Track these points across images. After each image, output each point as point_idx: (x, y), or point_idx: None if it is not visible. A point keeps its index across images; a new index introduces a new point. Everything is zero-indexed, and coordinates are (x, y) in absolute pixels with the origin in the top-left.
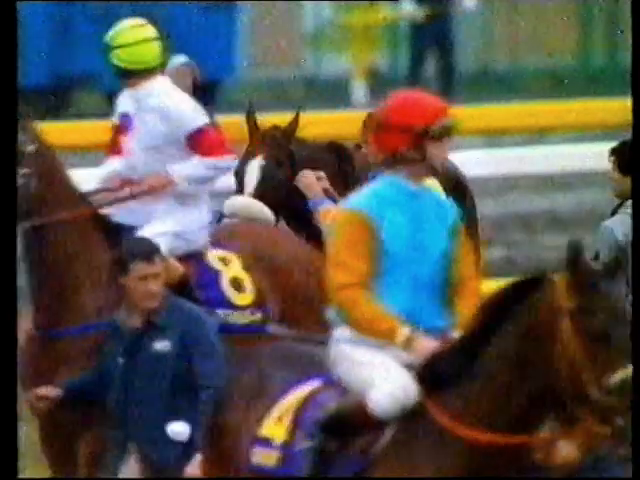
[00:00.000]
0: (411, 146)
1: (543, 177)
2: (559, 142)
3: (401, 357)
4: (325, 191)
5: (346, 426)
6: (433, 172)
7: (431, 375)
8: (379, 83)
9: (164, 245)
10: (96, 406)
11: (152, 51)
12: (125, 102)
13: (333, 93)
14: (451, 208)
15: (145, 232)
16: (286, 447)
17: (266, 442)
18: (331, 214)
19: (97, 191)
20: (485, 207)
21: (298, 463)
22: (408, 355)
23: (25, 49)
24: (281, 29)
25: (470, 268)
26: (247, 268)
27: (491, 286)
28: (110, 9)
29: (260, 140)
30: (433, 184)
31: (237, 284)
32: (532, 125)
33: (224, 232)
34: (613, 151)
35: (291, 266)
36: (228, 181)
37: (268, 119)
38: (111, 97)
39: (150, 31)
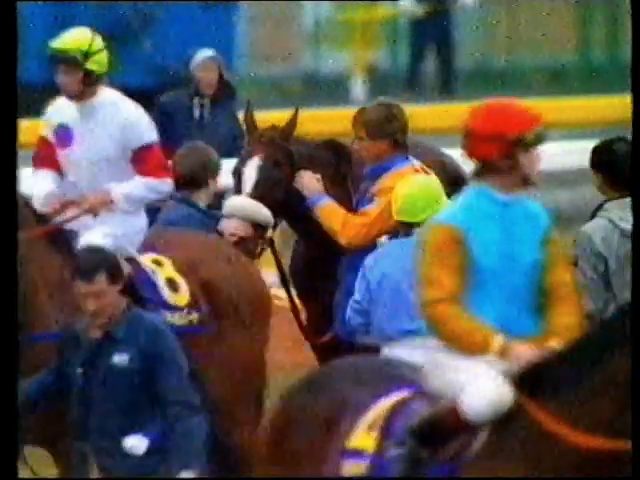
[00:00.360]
0: (503, 155)
1: (543, 174)
2: (559, 139)
3: (496, 363)
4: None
5: (438, 432)
6: (525, 182)
7: (533, 380)
8: (378, 80)
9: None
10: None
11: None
12: (65, 113)
13: (332, 90)
14: (543, 216)
15: (88, 236)
16: (376, 456)
17: (356, 453)
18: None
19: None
20: None
21: (388, 471)
22: (503, 363)
23: (25, 49)
24: (281, 26)
25: (564, 274)
26: (180, 272)
27: None
28: (110, 9)
29: (258, 140)
30: (434, 181)
31: (172, 285)
32: None
33: (159, 238)
34: (592, 150)
35: (223, 278)
36: (226, 180)
37: (268, 116)
38: None
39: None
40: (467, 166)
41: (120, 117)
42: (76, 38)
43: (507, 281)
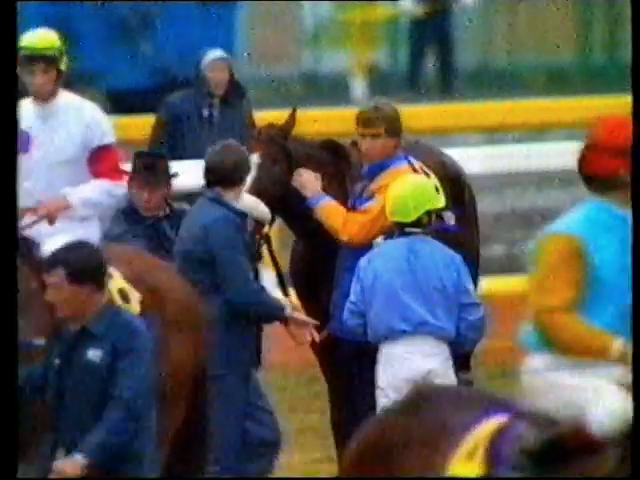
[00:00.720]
0: (629, 170)
1: (543, 174)
2: (559, 139)
3: (611, 375)
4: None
5: (560, 453)
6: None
7: None
8: (378, 80)
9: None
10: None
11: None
12: (26, 117)
13: (332, 90)
14: None
15: (49, 245)
16: None
17: None
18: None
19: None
20: (485, 204)
21: None
22: (621, 371)
23: None
24: (280, 26)
25: None
26: (129, 283)
27: (491, 283)
28: (110, 9)
29: (256, 138)
30: (426, 181)
31: (123, 295)
32: (532, 122)
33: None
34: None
35: (168, 288)
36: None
37: (267, 116)
38: (111, 95)
39: None
40: (466, 166)
41: (84, 117)
42: (49, 37)
43: (621, 296)
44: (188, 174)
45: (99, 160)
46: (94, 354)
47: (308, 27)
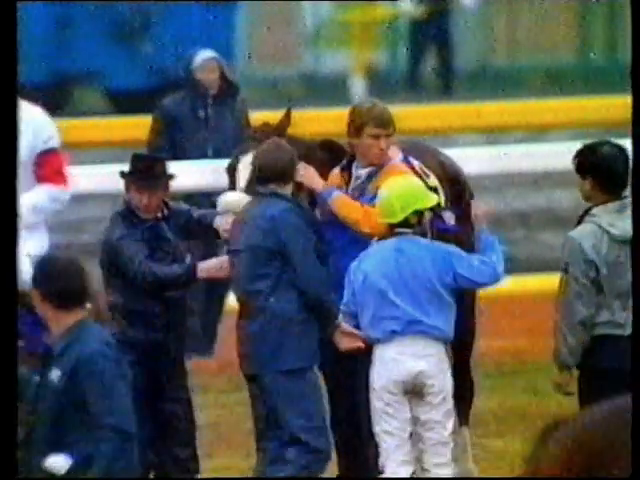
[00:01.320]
0: None
1: (542, 174)
2: (558, 139)
3: None
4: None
5: None
6: None
7: None
8: (378, 80)
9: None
10: None
11: None
12: None
13: (332, 90)
14: None
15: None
16: None
17: None
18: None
19: None
20: (484, 204)
21: None
22: None
23: (25, 48)
24: (280, 26)
25: None
26: None
27: None
28: (110, 9)
29: (252, 137)
30: (413, 182)
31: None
32: (531, 122)
33: None
34: (576, 154)
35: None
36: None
37: (267, 116)
38: (111, 95)
39: None
40: (466, 166)
41: (30, 121)
42: None
43: None
44: (186, 175)
45: (44, 164)
46: (55, 374)
47: (308, 28)
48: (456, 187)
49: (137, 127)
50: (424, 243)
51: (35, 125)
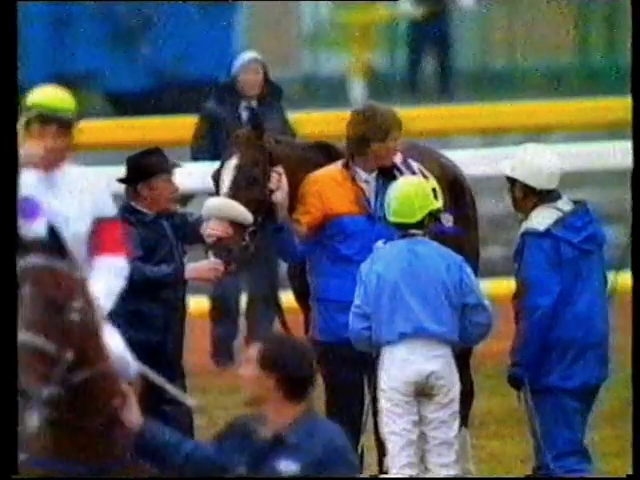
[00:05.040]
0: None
1: None
2: (558, 141)
3: None
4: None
5: None
6: None
7: None
8: (377, 82)
9: None
10: None
11: None
12: (29, 184)
13: (331, 92)
14: None
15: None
16: None
17: None
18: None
19: None
20: (484, 206)
21: None
22: None
23: (25, 49)
24: (279, 28)
25: None
26: None
27: (491, 285)
28: (110, 9)
29: (234, 142)
30: (432, 183)
31: None
32: (531, 124)
33: None
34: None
35: None
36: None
37: None
38: (110, 97)
39: None
40: (465, 168)
41: (89, 187)
42: (62, 95)
43: None
44: (190, 176)
45: (102, 233)
46: (287, 466)
47: (307, 29)
48: (455, 189)
49: (136, 128)
50: (436, 246)
51: (93, 192)
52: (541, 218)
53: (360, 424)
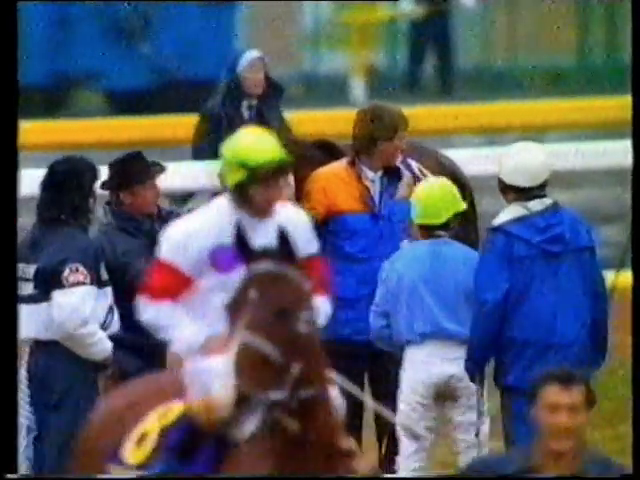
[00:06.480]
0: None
1: None
2: (558, 140)
3: None
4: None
5: None
6: None
7: None
8: (378, 81)
9: None
10: None
11: None
12: (219, 232)
13: (332, 91)
14: None
15: None
16: None
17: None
18: None
19: None
20: (484, 205)
21: None
22: None
23: (25, 49)
24: (280, 27)
25: None
26: None
27: None
28: (110, 9)
29: None
30: (449, 182)
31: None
32: (531, 123)
33: None
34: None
35: None
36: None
37: None
38: (111, 96)
39: None
40: (465, 167)
41: (295, 224)
42: (275, 144)
43: None
44: (185, 176)
45: (308, 271)
46: None
47: (308, 28)
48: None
49: (136, 128)
50: (460, 247)
51: (300, 229)
52: (503, 215)
53: (360, 421)
